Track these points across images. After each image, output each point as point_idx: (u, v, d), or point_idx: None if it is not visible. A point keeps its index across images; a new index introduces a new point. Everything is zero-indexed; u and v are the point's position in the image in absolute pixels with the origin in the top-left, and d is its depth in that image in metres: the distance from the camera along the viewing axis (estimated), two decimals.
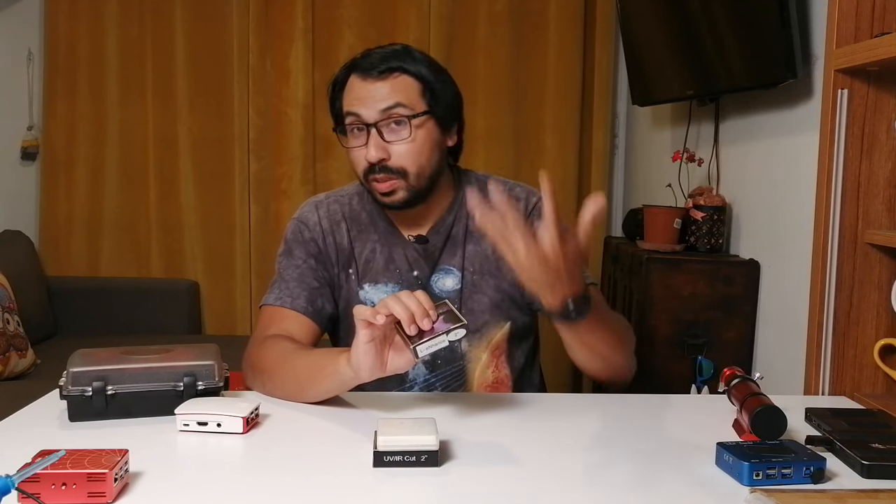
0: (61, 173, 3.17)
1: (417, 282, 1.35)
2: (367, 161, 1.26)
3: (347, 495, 0.87)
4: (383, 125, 1.26)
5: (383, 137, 1.26)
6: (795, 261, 1.85)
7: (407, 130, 1.26)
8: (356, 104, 1.27)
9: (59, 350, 1.72)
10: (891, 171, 1.28)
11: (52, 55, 3.13)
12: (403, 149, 1.27)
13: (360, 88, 1.27)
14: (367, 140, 1.26)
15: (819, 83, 1.77)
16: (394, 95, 1.26)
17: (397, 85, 1.27)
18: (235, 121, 3.15)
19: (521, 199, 1.38)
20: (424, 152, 1.28)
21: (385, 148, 1.26)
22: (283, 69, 3.13)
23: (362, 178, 1.31)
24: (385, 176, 1.27)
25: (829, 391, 1.31)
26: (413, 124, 1.26)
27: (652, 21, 2.56)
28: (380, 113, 1.25)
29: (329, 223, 1.39)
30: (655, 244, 2.25)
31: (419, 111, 1.27)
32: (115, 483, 0.82)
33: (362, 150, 1.27)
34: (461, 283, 1.36)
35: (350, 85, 1.30)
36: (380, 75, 1.27)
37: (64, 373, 1.08)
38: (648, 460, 0.98)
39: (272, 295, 1.35)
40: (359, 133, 1.28)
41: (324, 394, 1.16)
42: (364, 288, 1.37)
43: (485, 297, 1.36)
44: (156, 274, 3.21)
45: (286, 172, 3.18)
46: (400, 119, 1.26)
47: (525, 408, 1.15)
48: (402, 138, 1.26)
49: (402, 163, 1.27)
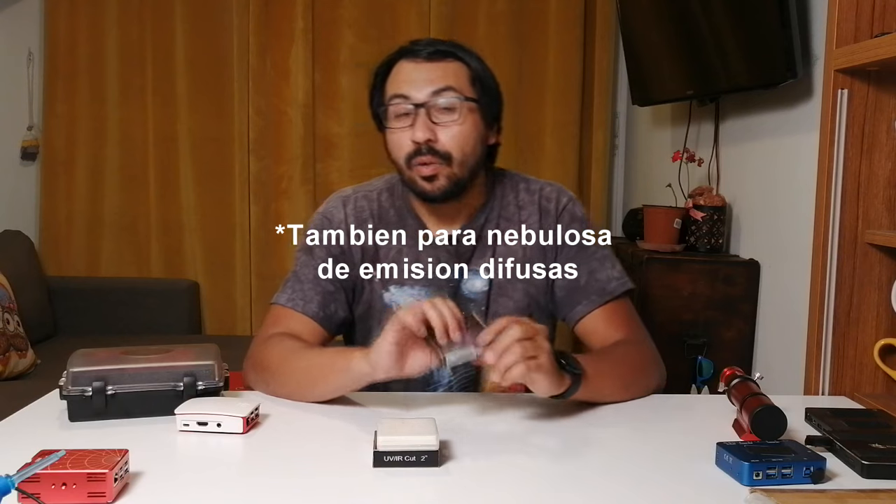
0: (61, 173, 3.17)
1: (448, 283, 1.32)
2: (414, 141, 1.22)
3: (347, 495, 0.87)
4: (432, 106, 1.23)
5: (431, 119, 1.23)
6: (795, 261, 1.85)
7: (456, 114, 1.23)
8: (404, 86, 1.24)
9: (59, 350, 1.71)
10: (891, 171, 1.28)
11: (52, 55, 3.13)
12: (452, 132, 1.23)
13: (410, 70, 1.25)
14: (415, 121, 1.23)
15: (819, 83, 1.77)
16: (445, 78, 1.23)
17: (448, 69, 1.25)
18: (235, 121, 3.15)
19: (552, 199, 1.36)
20: (470, 140, 1.25)
21: (433, 129, 1.23)
22: (283, 69, 3.13)
23: (404, 162, 1.26)
24: (430, 158, 1.23)
25: (829, 391, 1.31)
26: (464, 108, 1.24)
27: (652, 21, 2.56)
28: (429, 94, 1.23)
29: (355, 221, 1.34)
30: (655, 244, 2.25)
31: (468, 96, 1.25)
32: (115, 483, 0.82)
33: (407, 132, 1.24)
34: (489, 286, 1.33)
35: (397, 69, 1.26)
36: (430, 57, 1.24)
37: (64, 373, 1.08)
38: (648, 460, 0.98)
39: (284, 295, 1.32)
40: (403, 115, 1.24)
41: (331, 392, 1.16)
42: (390, 290, 1.33)
43: (511, 301, 1.33)
44: (156, 274, 3.21)
45: (286, 172, 3.18)
46: (449, 102, 1.23)
47: (525, 408, 1.15)
48: (450, 119, 1.23)
49: (448, 146, 1.23)
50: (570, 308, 1.33)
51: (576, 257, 1.33)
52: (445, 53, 1.26)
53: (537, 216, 1.35)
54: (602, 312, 1.30)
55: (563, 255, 1.34)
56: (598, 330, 1.30)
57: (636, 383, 1.22)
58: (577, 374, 1.09)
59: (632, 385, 1.21)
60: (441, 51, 1.25)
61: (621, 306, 1.32)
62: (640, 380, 1.23)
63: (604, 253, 1.35)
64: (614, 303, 1.31)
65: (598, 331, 1.30)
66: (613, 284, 1.32)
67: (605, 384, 1.17)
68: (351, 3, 3.12)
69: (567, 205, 1.36)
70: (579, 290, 1.32)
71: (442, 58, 1.25)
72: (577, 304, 1.32)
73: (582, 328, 1.33)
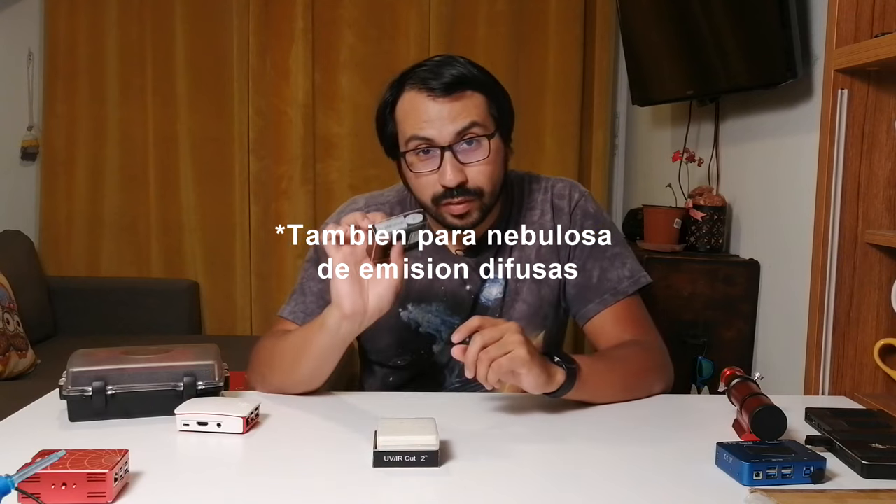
0: (61, 173, 3.17)
1: (470, 296, 1.32)
2: (445, 186, 1.19)
3: (347, 495, 0.87)
4: (459, 150, 1.20)
5: (458, 159, 1.19)
6: (795, 261, 1.85)
7: (483, 150, 1.20)
8: (426, 127, 1.18)
9: (59, 350, 1.71)
10: (891, 171, 1.28)
11: (52, 55, 3.13)
12: (480, 170, 1.20)
13: (427, 109, 1.19)
14: (441, 164, 1.19)
15: (819, 83, 1.77)
16: (468, 115, 1.19)
17: (469, 104, 1.20)
18: (235, 121, 3.15)
19: (565, 195, 1.35)
20: (497, 171, 1.23)
21: (462, 170, 1.19)
22: (283, 69, 3.13)
23: (431, 202, 1.22)
24: (462, 199, 1.20)
25: (829, 391, 1.31)
26: (490, 144, 1.21)
27: (652, 21, 2.56)
28: (454, 135, 1.18)
29: None
30: (655, 244, 2.25)
31: (492, 130, 1.22)
32: (115, 483, 0.82)
33: (433, 176, 1.20)
34: (504, 292, 1.32)
35: (413, 105, 1.20)
36: (448, 94, 1.18)
37: (64, 373, 1.08)
38: (648, 460, 0.98)
39: (288, 308, 1.32)
40: (426, 157, 1.21)
41: (319, 357, 1.15)
42: (408, 308, 1.32)
43: (524, 305, 1.33)
44: (156, 274, 3.21)
45: (286, 172, 3.18)
46: (474, 139, 1.20)
47: (525, 408, 1.15)
48: (478, 159, 1.20)
49: (479, 183, 1.20)
50: (581, 307, 1.32)
51: (588, 255, 1.32)
52: (461, 83, 1.19)
53: (550, 214, 1.34)
54: (612, 312, 1.30)
55: (577, 252, 1.33)
56: (607, 330, 1.30)
57: (638, 385, 1.21)
58: (571, 369, 1.09)
59: (633, 387, 1.21)
60: (456, 82, 1.19)
61: (632, 306, 1.31)
62: (643, 382, 1.22)
63: (615, 251, 1.33)
64: (625, 302, 1.30)
65: (607, 331, 1.30)
66: (625, 284, 1.31)
67: (604, 384, 1.16)
68: (351, 3, 3.12)
69: (580, 201, 1.35)
70: (591, 289, 1.31)
71: (460, 91, 1.19)
72: (587, 303, 1.31)
73: (591, 327, 1.32)
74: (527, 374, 1.04)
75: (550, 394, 1.09)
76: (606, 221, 1.36)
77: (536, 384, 1.05)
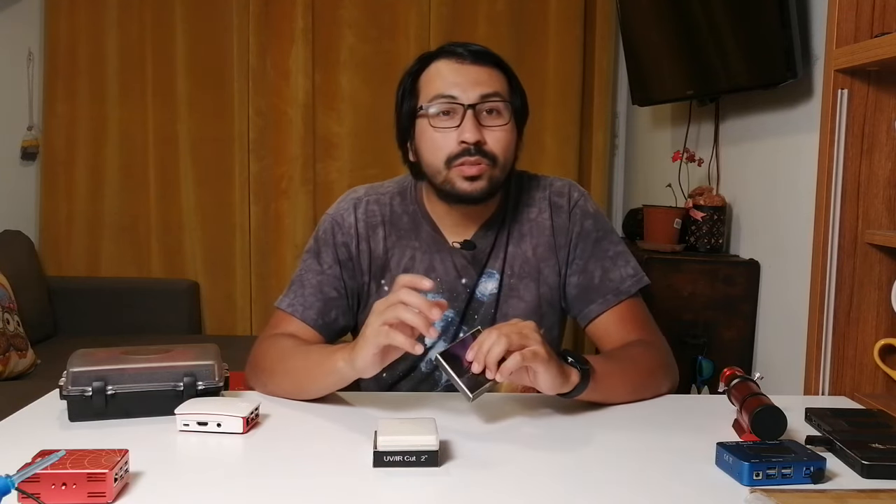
0: (61, 173, 3.17)
1: (466, 289, 1.32)
2: (463, 141, 1.21)
3: (347, 495, 0.87)
4: (480, 110, 1.22)
5: (479, 121, 1.22)
6: (795, 261, 1.85)
7: (503, 118, 1.24)
8: (451, 87, 1.22)
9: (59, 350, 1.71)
10: (891, 171, 1.28)
11: (52, 55, 3.13)
12: (498, 136, 1.23)
13: (456, 72, 1.23)
14: (462, 122, 1.21)
15: (819, 83, 1.77)
16: (492, 83, 1.23)
17: (493, 74, 1.25)
18: (235, 121, 3.16)
19: (564, 193, 1.35)
20: (511, 146, 1.26)
21: (481, 131, 1.22)
22: (283, 69, 3.13)
23: (444, 162, 1.23)
24: (478, 159, 1.21)
25: (829, 391, 1.31)
26: (510, 114, 1.24)
27: (652, 21, 2.56)
28: (479, 97, 1.22)
29: (366, 227, 1.32)
30: (655, 244, 2.25)
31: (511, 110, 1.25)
32: (115, 483, 0.82)
33: (452, 133, 1.22)
34: (499, 287, 1.32)
35: (439, 70, 1.25)
36: (476, 61, 1.24)
37: (64, 373, 1.08)
38: (649, 460, 0.98)
39: (286, 299, 1.31)
40: (446, 118, 1.23)
41: (324, 390, 1.16)
42: None
43: (521, 302, 1.32)
44: (156, 274, 3.21)
45: (286, 172, 3.18)
46: (496, 107, 1.23)
47: (525, 408, 1.15)
48: (498, 124, 1.23)
49: (496, 149, 1.23)
50: (583, 307, 1.32)
51: (589, 255, 1.32)
52: (489, 57, 1.25)
53: (548, 212, 1.34)
54: (615, 313, 1.30)
55: (576, 253, 1.33)
56: (611, 330, 1.30)
57: (645, 386, 1.21)
58: (585, 370, 1.08)
59: (641, 387, 1.21)
60: (485, 54, 1.25)
61: (634, 306, 1.31)
62: (650, 383, 1.22)
63: (617, 250, 1.34)
64: (628, 303, 1.30)
65: (611, 331, 1.30)
66: (627, 284, 1.31)
67: (615, 385, 1.16)
68: (351, 3, 3.12)
69: (579, 200, 1.35)
70: (592, 290, 1.31)
71: (488, 63, 1.25)
72: (589, 304, 1.31)
73: (594, 328, 1.32)
74: (544, 373, 1.03)
75: (564, 395, 1.08)
76: (606, 222, 1.36)
77: (553, 384, 1.05)
